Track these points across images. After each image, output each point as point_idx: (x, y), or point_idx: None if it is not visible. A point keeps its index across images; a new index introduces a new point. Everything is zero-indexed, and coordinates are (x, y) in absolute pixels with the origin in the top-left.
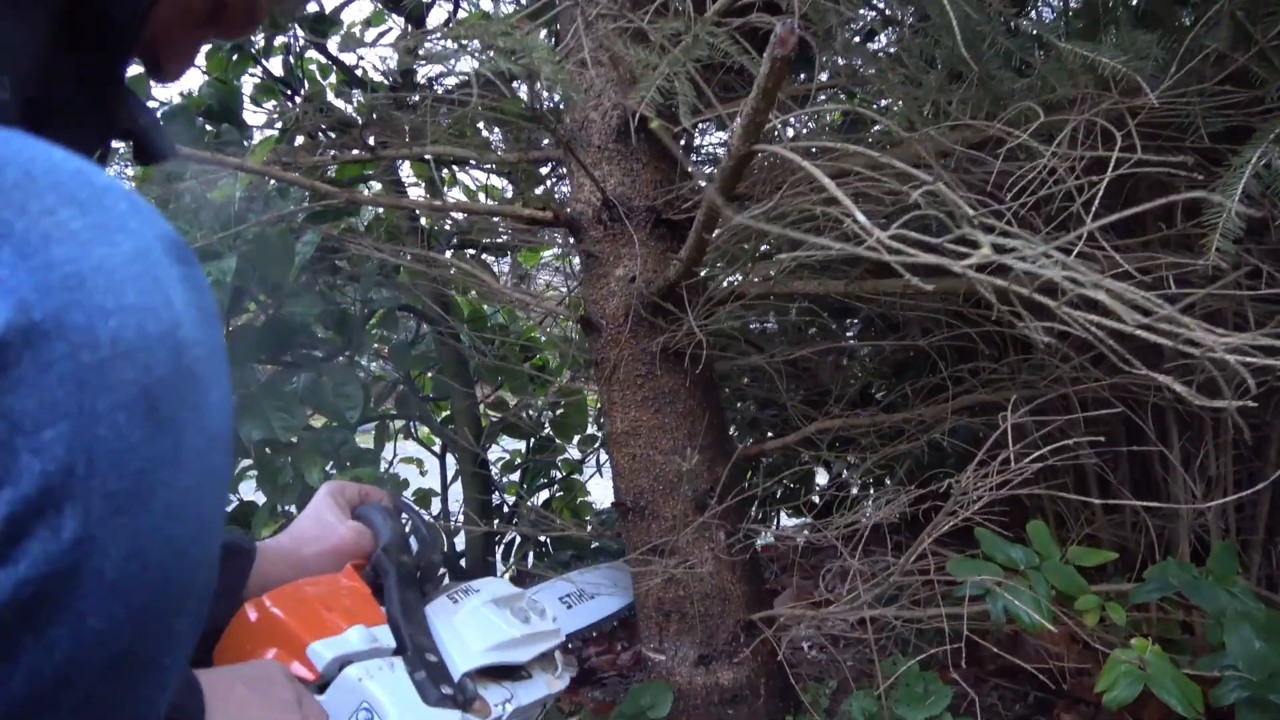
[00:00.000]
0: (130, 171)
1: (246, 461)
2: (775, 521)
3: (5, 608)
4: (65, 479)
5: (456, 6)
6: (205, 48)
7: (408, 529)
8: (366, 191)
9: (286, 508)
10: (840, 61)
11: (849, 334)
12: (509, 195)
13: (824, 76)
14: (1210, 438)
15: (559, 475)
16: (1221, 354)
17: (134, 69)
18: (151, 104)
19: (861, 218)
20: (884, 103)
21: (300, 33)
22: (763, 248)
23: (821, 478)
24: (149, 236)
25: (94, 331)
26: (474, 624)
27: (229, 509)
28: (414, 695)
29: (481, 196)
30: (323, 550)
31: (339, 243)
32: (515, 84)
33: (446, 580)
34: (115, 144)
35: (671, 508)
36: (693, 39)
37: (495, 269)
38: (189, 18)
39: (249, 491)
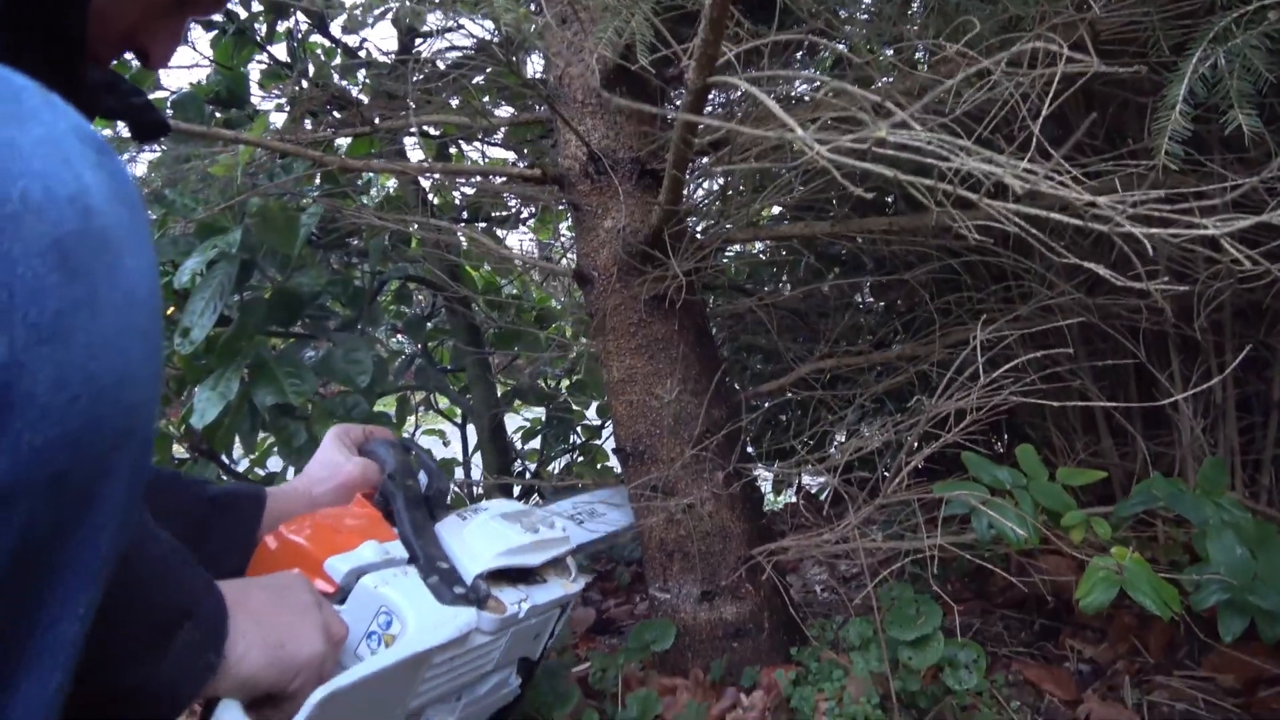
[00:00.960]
0: (148, 156)
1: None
2: (797, 481)
3: None
4: None
5: None
6: (210, 35)
7: (415, 464)
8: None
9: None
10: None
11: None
12: (524, 165)
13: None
14: (1212, 360)
15: (579, 440)
16: (1110, 213)
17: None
18: (161, 93)
19: (800, 131)
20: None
21: (303, 17)
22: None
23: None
24: (61, 126)
25: (5, 190)
26: (483, 534)
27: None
28: (429, 597)
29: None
30: (332, 487)
31: (342, 214)
32: (497, 44)
33: None
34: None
35: (669, 450)
36: None
37: (514, 246)
38: (158, 4)
39: (276, 465)
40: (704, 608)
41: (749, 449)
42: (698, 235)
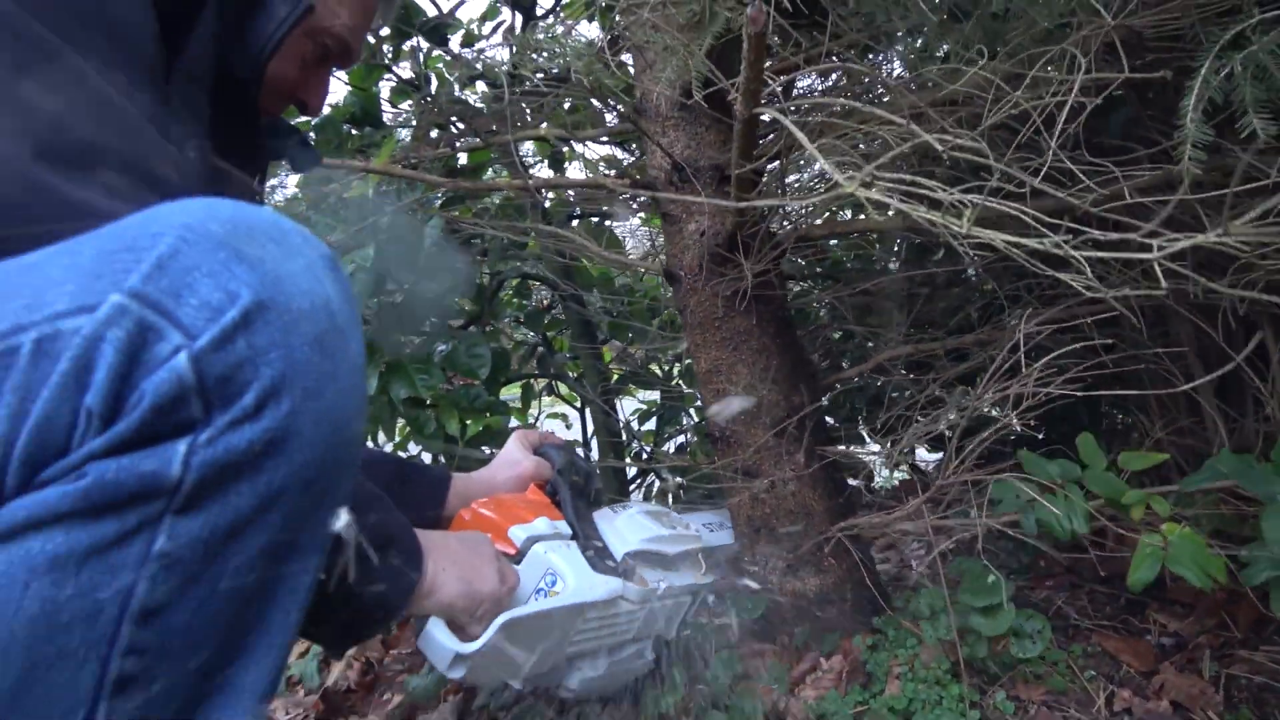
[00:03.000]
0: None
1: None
2: (905, 459)
3: (258, 443)
4: (282, 379)
5: None
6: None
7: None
8: (492, 174)
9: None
10: (850, 18)
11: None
12: (627, 163)
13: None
14: None
15: (691, 422)
16: (1060, 252)
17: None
18: (304, 117)
19: (829, 166)
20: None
21: (423, 40)
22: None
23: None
24: (313, 255)
25: (289, 305)
26: (630, 523)
27: None
28: (586, 565)
29: (601, 166)
30: (512, 477)
31: (461, 224)
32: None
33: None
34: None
35: (754, 435)
36: (709, 17)
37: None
38: (308, 64)
39: (414, 448)
40: (790, 579)
41: (839, 430)
42: (774, 233)
